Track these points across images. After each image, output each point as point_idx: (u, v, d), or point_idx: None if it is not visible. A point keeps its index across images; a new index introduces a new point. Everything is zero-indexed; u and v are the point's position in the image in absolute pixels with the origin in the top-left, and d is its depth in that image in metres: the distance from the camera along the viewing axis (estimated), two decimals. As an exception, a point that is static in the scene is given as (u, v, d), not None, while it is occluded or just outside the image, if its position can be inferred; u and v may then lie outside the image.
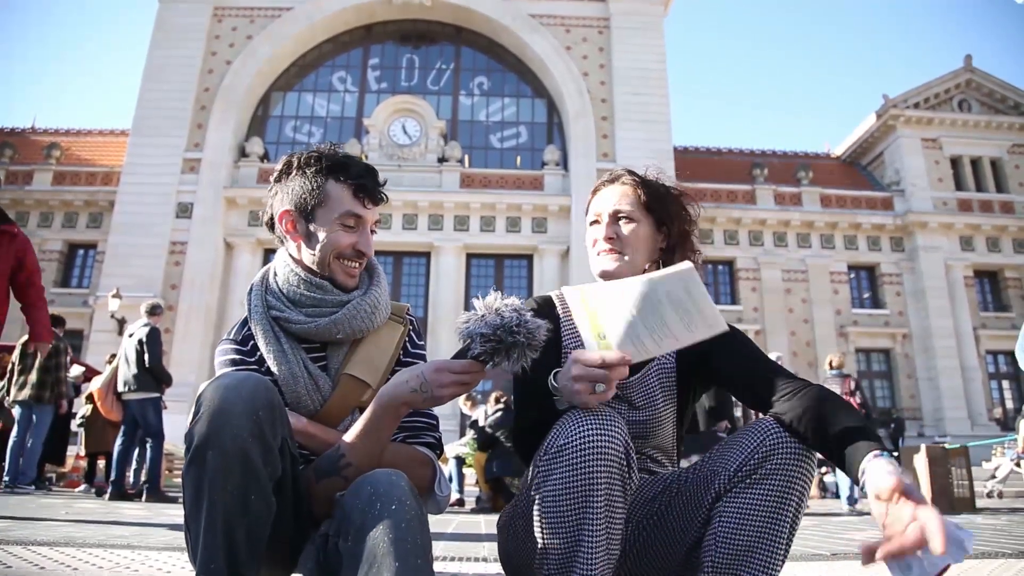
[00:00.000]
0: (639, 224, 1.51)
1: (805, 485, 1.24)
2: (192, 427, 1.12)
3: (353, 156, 1.44)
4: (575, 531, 1.17)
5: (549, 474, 1.19)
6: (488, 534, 3.78)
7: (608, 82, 24.35)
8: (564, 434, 1.19)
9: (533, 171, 24.18)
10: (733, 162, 26.34)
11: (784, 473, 1.22)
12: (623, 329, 1.19)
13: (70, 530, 3.21)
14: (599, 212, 1.54)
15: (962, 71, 26.19)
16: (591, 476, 1.16)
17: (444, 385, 1.21)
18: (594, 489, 1.16)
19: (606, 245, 1.50)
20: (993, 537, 3.78)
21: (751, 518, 1.22)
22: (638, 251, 1.50)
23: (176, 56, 23.73)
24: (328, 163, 1.39)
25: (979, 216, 24.53)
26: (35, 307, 4.06)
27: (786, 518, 1.22)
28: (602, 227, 1.52)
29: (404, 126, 24.20)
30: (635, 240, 1.50)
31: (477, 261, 23.69)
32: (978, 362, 23.30)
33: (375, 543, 1.05)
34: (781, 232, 24.35)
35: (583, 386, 1.18)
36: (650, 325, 1.18)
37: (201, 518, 1.09)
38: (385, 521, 1.07)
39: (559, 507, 1.18)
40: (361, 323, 1.40)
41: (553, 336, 1.47)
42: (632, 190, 1.53)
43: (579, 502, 1.17)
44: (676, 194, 1.56)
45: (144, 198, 21.85)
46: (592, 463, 1.17)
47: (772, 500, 1.22)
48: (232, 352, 1.40)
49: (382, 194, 1.44)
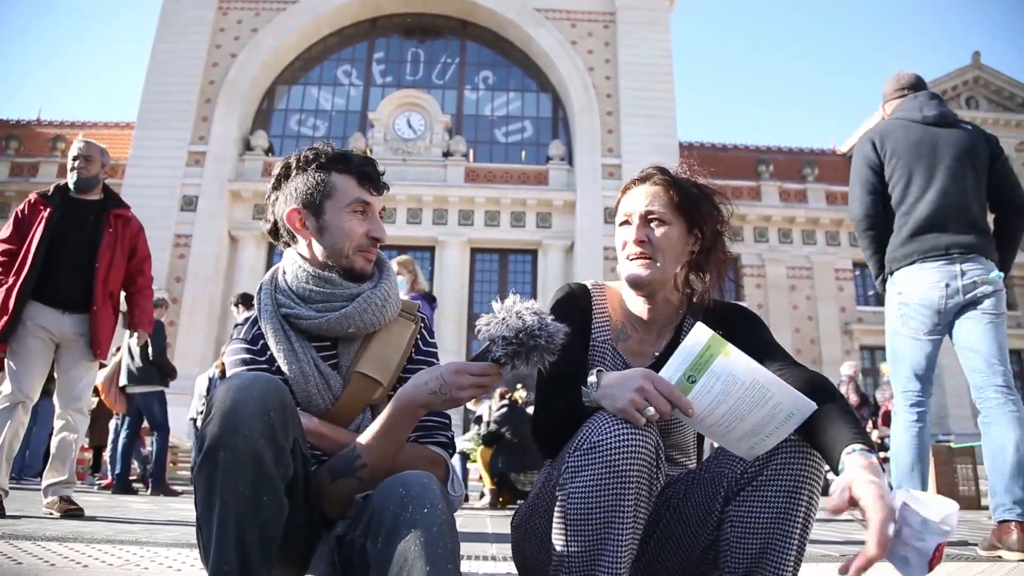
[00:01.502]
0: (671, 227, 1.45)
1: (814, 485, 1.22)
2: (204, 428, 1.12)
3: (350, 149, 1.46)
4: (602, 530, 1.16)
5: (580, 470, 1.18)
6: (495, 533, 3.78)
7: (613, 77, 24.28)
8: (598, 431, 1.18)
9: (538, 166, 24.14)
10: (738, 158, 26.25)
11: (789, 474, 1.21)
12: (715, 393, 1.16)
13: (78, 525, 3.21)
14: (629, 212, 1.48)
15: (970, 68, 26.05)
16: (624, 475, 1.15)
17: (463, 387, 1.20)
18: (625, 489, 1.15)
19: (636, 249, 1.45)
20: (1001, 538, 3.75)
21: (760, 522, 1.22)
22: (669, 256, 1.45)
23: (181, 49, 23.71)
24: (328, 157, 1.41)
25: (986, 214, 24.43)
26: (141, 294, 4.08)
27: (796, 520, 1.21)
28: (632, 229, 1.46)
29: (409, 120, 24.17)
30: (667, 244, 1.45)
31: (481, 256, 23.68)
32: (983, 360, 23.19)
33: (407, 546, 1.04)
34: (786, 229, 24.29)
35: (639, 399, 1.15)
36: (734, 410, 1.16)
37: (213, 519, 1.09)
38: (417, 524, 1.06)
39: (588, 505, 1.16)
40: (372, 316, 1.40)
41: (583, 327, 1.47)
42: (664, 190, 1.46)
43: (609, 501, 1.15)
44: (708, 193, 1.50)
45: (149, 191, 21.85)
46: (626, 462, 1.15)
47: (780, 503, 1.21)
48: (243, 352, 1.40)
49: (384, 182, 1.45)
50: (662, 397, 1.15)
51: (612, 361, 1.48)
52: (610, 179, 23.11)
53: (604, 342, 1.50)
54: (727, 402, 1.16)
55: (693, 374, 1.16)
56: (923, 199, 3.07)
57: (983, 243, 3.03)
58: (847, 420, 1.16)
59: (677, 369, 1.17)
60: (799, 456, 1.21)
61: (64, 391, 3.82)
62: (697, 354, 1.16)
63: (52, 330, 3.66)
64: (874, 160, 3.25)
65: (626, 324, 1.52)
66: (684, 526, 1.31)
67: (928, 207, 3.06)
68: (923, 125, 3.17)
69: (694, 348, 1.16)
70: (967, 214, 3.04)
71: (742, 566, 1.23)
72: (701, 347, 1.16)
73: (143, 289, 4.07)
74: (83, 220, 3.79)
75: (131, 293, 4.05)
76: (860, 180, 3.29)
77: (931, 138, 3.13)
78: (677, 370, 1.17)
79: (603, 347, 1.50)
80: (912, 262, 3.07)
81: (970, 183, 3.07)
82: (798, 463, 1.21)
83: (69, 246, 3.71)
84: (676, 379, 1.17)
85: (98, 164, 3.86)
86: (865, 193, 3.25)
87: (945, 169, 3.06)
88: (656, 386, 1.15)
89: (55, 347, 3.75)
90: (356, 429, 1.35)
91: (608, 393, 1.20)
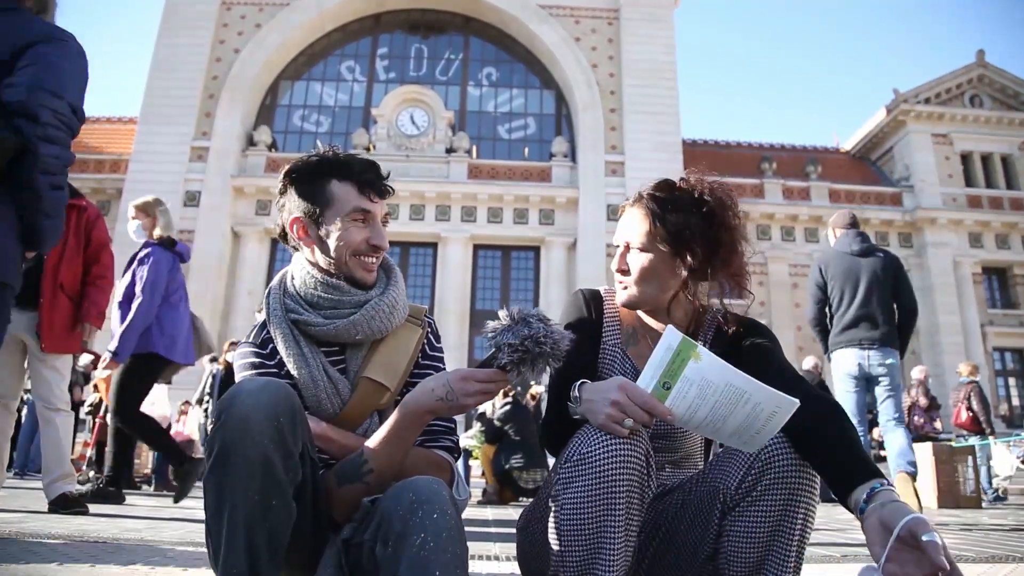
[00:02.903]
0: (652, 255, 1.45)
1: (810, 498, 1.23)
2: (213, 434, 1.13)
3: (353, 154, 1.45)
4: (595, 540, 1.17)
5: (569, 483, 1.19)
6: (498, 532, 3.79)
7: (617, 74, 24.23)
8: (587, 443, 1.19)
9: (541, 163, 24.12)
10: (741, 155, 26.19)
11: (784, 487, 1.22)
12: (691, 398, 1.17)
13: (83, 523, 3.21)
14: (618, 239, 1.51)
15: (974, 66, 25.94)
16: (614, 486, 1.17)
17: (470, 394, 1.22)
18: (616, 498, 1.17)
19: (618, 275, 1.50)
20: (1002, 539, 3.77)
21: (758, 535, 1.23)
22: (651, 281, 1.46)
23: (184, 44, 23.69)
24: (328, 165, 1.40)
25: (989, 213, 24.37)
26: (93, 285, 3.88)
27: (794, 531, 1.22)
28: (616, 258, 1.51)
29: (412, 116, 24.14)
30: (646, 272, 1.46)
31: (484, 252, 23.67)
32: (985, 359, 23.19)
33: (416, 551, 1.06)
34: (789, 226, 24.24)
35: (615, 413, 1.17)
36: (715, 412, 1.16)
37: (223, 524, 1.10)
38: (427, 530, 1.07)
39: (579, 516, 1.18)
40: (380, 323, 1.40)
41: (593, 332, 1.48)
42: (645, 217, 1.46)
43: (600, 512, 1.17)
44: (701, 205, 1.45)
45: (152, 186, 21.73)
46: (614, 473, 1.17)
47: (775, 516, 1.22)
48: (252, 356, 1.41)
49: (387, 187, 1.44)
50: (637, 407, 1.16)
51: (622, 365, 1.50)
52: (613, 176, 23.08)
53: (615, 346, 1.52)
54: (705, 406, 1.16)
55: (668, 380, 1.17)
56: (848, 309, 4.72)
57: (887, 336, 4.65)
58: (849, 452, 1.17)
59: (652, 377, 1.18)
60: (794, 468, 1.22)
61: (34, 390, 3.83)
62: (669, 360, 1.17)
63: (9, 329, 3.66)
64: (820, 281, 4.88)
65: (637, 329, 1.54)
66: (683, 537, 1.33)
67: (850, 315, 4.71)
68: (852, 256, 4.82)
69: (666, 355, 1.17)
70: (873, 319, 4.67)
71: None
72: (672, 352, 1.16)
73: (96, 280, 3.90)
74: None
75: (84, 284, 3.89)
76: (811, 294, 4.98)
77: (856, 266, 4.78)
78: (652, 378, 1.18)
79: (613, 351, 1.51)
80: (841, 348, 4.77)
81: (876, 297, 4.69)
82: (793, 475, 1.22)
83: None
84: (652, 387, 1.18)
85: None
86: (814, 303, 4.95)
87: (863, 289, 4.71)
88: (631, 396, 1.16)
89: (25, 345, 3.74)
90: (364, 434, 1.36)
91: (589, 408, 1.22)
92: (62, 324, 3.74)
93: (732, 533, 1.25)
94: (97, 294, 3.90)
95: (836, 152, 28.30)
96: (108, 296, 4.03)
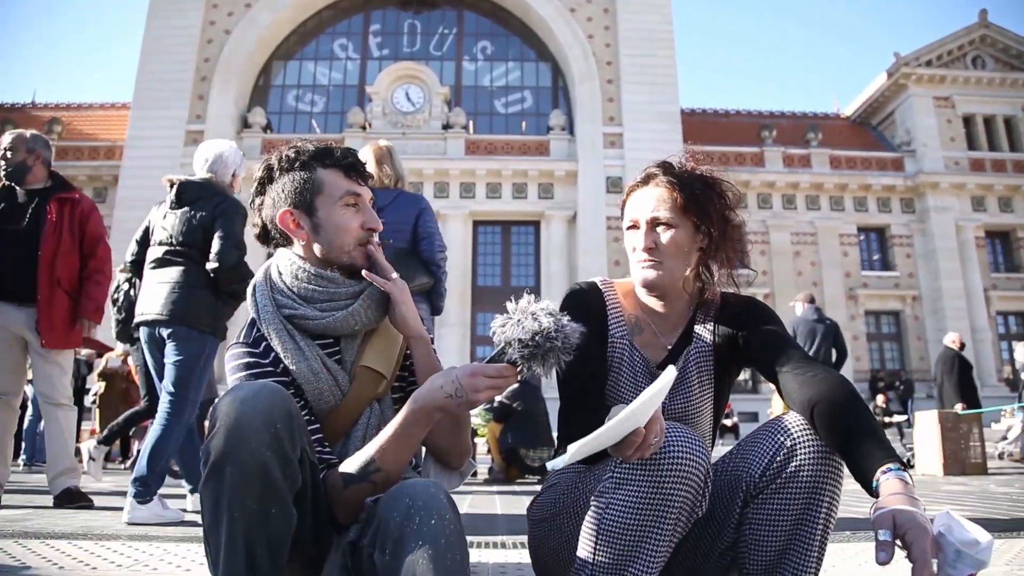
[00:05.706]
0: (678, 229, 1.45)
1: (835, 487, 1.22)
2: (208, 442, 1.10)
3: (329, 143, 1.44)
4: (635, 547, 1.16)
5: (624, 483, 1.18)
6: (505, 515, 3.78)
7: (614, 45, 23.96)
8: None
9: (539, 136, 23.96)
10: (741, 124, 26.00)
11: (808, 476, 1.20)
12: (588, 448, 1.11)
13: (87, 519, 3.21)
14: (635, 218, 1.48)
15: (976, 26, 25.61)
16: (669, 498, 1.15)
17: (479, 390, 1.19)
18: (667, 510, 1.16)
19: (644, 255, 1.45)
20: (1012, 509, 3.75)
21: (781, 525, 1.22)
22: (678, 259, 1.46)
23: (174, 26, 23.44)
24: (310, 154, 1.39)
25: (991, 176, 24.24)
26: (90, 279, 3.84)
27: (817, 522, 1.21)
28: (640, 235, 1.46)
29: (407, 93, 23.94)
30: (674, 248, 1.45)
31: (484, 228, 23.63)
32: (988, 323, 23.23)
33: (414, 559, 1.03)
34: (790, 194, 24.14)
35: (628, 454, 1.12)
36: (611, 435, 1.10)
37: (221, 533, 1.07)
38: (425, 536, 1.05)
39: (625, 519, 1.17)
40: (376, 313, 1.39)
41: (599, 327, 1.45)
42: (668, 193, 1.45)
43: (648, 519, 1.16)
44: (711, 182, 1.48)
45: (148, 172, 21.67)
46: (674, 485, 1.15)
47: (800, 505, 1.21)
48: (245, 356, 1.37)
49: (368, 172, 1.44)
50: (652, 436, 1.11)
51: (631, 358, 1.48)
52: (612, 148, 22.93)
53: (622, 338, 1.50)
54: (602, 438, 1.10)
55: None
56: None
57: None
58: (873, 436, 1.14)
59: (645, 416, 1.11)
60: (819, 457, 1.21)
61: (36, 385, 3.83)
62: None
63: (7, 325, 3.63)
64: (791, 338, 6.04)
65: (640, 318, 1.52)
66: (702, 527, 1.30)
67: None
68: (811, 322, 7.41)
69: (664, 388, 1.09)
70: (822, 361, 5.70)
71: (762, 568, 1.23)
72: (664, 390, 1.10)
73: (92, 274, 3.85)
74: (23, 211, 3.70)
75: (82, 279, 3.85)
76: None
77: (813, 330, 7.35)
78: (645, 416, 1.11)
79: (621, 343, 1.49)
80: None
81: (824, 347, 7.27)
82: (818, 464, 1.21)
83: (9, 238, 3.64)
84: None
85: (22, 152, 3.73)
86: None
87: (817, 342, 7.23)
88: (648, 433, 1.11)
89: (25, 341, 3.72)
90: (365, 423, 1.35)
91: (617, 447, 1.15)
92: (61, 320, 3.71)
93: (754, 522, 1.24)
94: (94, 289, 3.86)
95: (837, 118, 28.07)
96: (106, 291, 3.98)
